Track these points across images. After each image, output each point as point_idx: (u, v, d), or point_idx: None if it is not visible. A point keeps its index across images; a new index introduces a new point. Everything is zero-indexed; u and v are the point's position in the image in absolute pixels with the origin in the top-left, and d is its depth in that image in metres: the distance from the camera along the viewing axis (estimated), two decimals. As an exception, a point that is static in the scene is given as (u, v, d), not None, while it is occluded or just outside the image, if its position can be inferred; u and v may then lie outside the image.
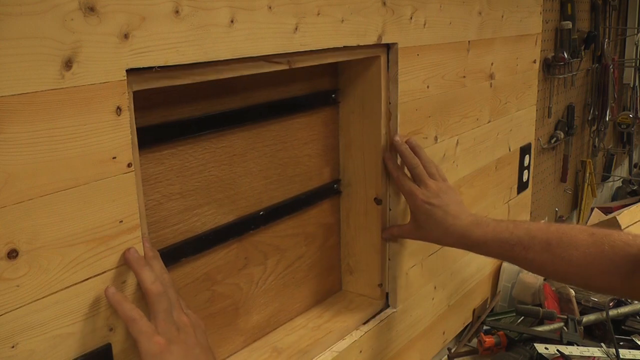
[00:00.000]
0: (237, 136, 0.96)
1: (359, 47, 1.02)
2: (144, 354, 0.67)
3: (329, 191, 1.17)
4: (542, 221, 1.98)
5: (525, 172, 1.75)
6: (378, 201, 1.16)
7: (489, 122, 1.48)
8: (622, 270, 0.90)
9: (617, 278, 0.91)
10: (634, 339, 1.45)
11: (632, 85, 2.72)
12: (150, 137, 0.80)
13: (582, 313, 1.52)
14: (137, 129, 0.71)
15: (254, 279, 1.04)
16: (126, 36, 0.66)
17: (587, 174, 2.48)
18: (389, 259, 1.19)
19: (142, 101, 0.71)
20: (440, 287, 1.38)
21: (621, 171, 3.00)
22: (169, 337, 0.69)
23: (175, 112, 0.85)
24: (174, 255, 0.88)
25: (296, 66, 0.91)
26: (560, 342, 1.38)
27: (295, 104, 1.06)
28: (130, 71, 0.67)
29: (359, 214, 1.19)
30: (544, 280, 1.57)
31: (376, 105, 1.11)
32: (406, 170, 1.12)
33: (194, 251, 0.91)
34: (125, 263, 0.70)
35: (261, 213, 1.02)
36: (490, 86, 1.46)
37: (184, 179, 0.88)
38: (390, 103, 1.12)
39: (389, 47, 1.09)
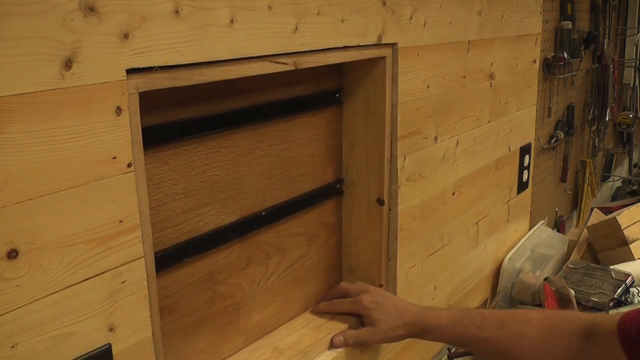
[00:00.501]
0: (241, 136, 0.96)
1: (365, 46, 1.02)
2: None
3: (332, 191, 1.17)
4: (542, 222, 1.98)
5: (525, 172, 1.75)
6: (380, 202, 1.16)
7: (489, 122, 1.48)
8: (574, 342, 0.92)
9: (572, 350, 0.92)
10: (634, 339, 1.45)
11: (632, 85, 2.72)
12: (154, 137, 0.80)
13: (583, 313, 1.52)
14: (142, 129, 0.71)
15: (256, 278, 1.04)
16: (126, 36, 0.66)
17: (587, 174, 2.48)
18: (389, 259, 1.19)
19: (147, 101, 0.71)
20: (440, 287, 1.38)
21: (621, 171, 3.00)
22: None
23: (179, 112, 0.85)
24: (177, 255, 0.88)
25: (303, 67, 0.91)
26: (561, 342, 1.38)
27: (299, 104, 1.06)
28: (130, 71, 0.67)
29: (361, 214, 1.19)
30: (544, 280, 1.57)
31: (380, 106, 1.11)
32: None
33: (197, 251, 0.91)
34: None
35: (264, 213, 1.02)
36: (490, 86, 1.46)
37: (187, 178, 0.88)
38: (392, 103, 1.12)
39: (392, 47, 1.09)
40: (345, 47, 0.98)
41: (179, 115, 0.85)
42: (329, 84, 1.12)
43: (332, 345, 1.07)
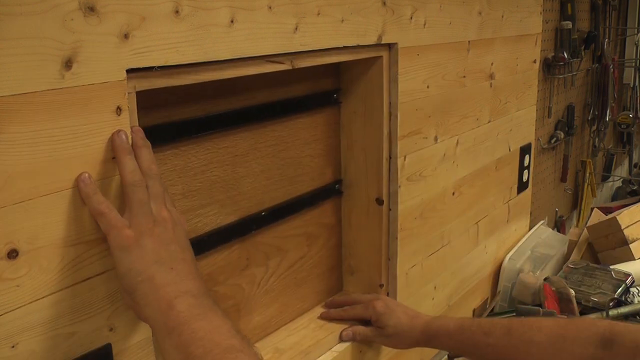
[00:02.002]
0: (240, 136, 0.96)
1: (361, 46, 1.02)
2: (112, 247, 0.64)
3: (331, 192, 1.17)
4: (542, 222, 1.98)
5: (525, 172, 1.75)
6: (379, 202, 1.15)
7: (489, 122, 1.48)
8: (589, 350, 0.87)
9: (585, 358, 0.87)
10: (634, 339, 1.45)
11: (632, 85, 2.72)
12: (152, 137, 0.79)
13: (582, 313, 1.52)
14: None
15: (256, 279, 1.04)
16: (126, 36, 0.65)
17: (587, 174, 2.48)
18: (389, 259, 1.19)
19: (145, 101, 0.71)
20: (440, 287, 1.38)
21: (621, 171, 2.99)
22: (141, 230, 0.65)
23: (177, 113, 0.85)
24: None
25: (299, 66, 0.91)
26: (561, 342, 1.38)
27: (297, 104, 1.06)
28: (130, 71, 0.67)
29: (361, 214, 1.19)
30: (544, 280, 1.57)
31: (378, 105, 1.11)
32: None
33: (197, 252, 0.90)
34: (112, 147, 0.66)
35: (263, 213, 1.02)
36: (490, 86, 1.46)
37: (186, 179, 0.88)
38: (390, 103, 1.12)
39: (389, 47, 1.09)
40: (343, 47, 0.98)
41: (177, 116, 0.85)
42: (327, 85, 1.12)
43: (340, 338, 1.09)
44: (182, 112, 0.85)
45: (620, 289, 1.54)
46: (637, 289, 1.57)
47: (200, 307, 0.64)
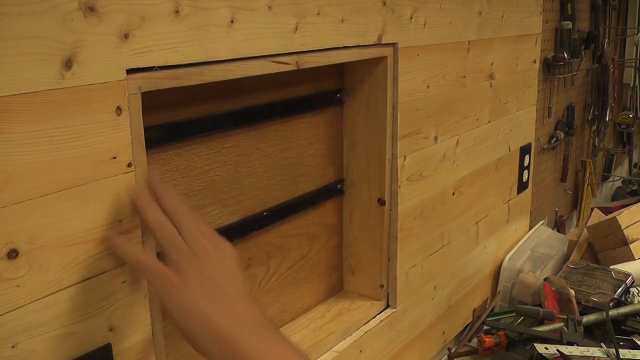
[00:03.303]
0: (242, 136, 0.96)
1: (366, 47, 1.02)
2: (157, 291, 0.64)
3: (333, 191, 1.17)
4: (542, 222, 1.98)
5: (525, 172, 1.75)
6: (381, 202, 1.15)
7: (489, 122, 1.48)
8: None
9: None
10: (634, 339, 1.45)
11: (632, 85, 2.72)
12: (155, 138, 0.80)
13: (582, 313, 1.52)
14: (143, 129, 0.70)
15: (257, 279, 1.04)
16: (126, 36, 0.65)
17: (587, 174, 2.48)
18: (390, 259, 1.19)
19: (148, 101, 0.71)
20: (440, 287, 1.38)
21: (621, 171, 2.99)
22: (183, 268, 0.64)
23: (180, 113, 0.85)
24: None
25: (304, 67, 0.91)
26: (560, 342, 1.38)
27: (300, 104, 1.06)
28: (131, 71, 0.67)
29: (362, 214, 1.19)
30: (544, 280, 1.57)
31: (381, 106, 1.11)
32: None
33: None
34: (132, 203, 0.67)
35: (265, 213, 1.02)
36: (490, 86, 1.46)
37: (189, 179, 0.88)
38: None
39: (393, 47, 1.09)
40: (347, 47, 0.98)
41: (180, 116, 0.85)
42: (330, 85, 1.12)
43: None
44: (185, 112, 0.85)
45: (620, 289, 1.54)
46: (637, 289, 1.56)
47: (261, 335, 0.62)
